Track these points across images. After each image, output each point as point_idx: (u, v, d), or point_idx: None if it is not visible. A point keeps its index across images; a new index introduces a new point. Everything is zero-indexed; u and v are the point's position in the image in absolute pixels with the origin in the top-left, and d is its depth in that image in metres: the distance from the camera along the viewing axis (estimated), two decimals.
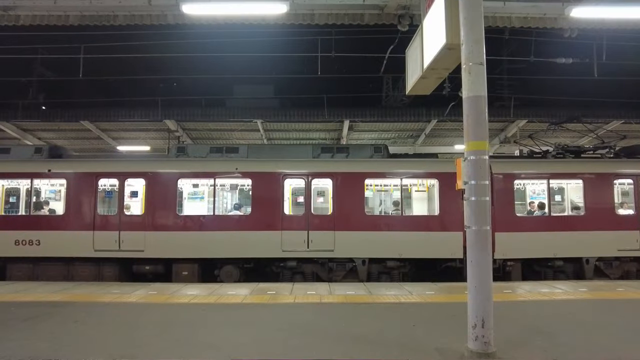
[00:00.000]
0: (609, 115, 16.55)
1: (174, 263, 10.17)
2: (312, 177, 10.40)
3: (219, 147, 11.54)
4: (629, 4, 8.06)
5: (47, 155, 11.19)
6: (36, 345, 4.98)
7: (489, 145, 4.60)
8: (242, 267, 10.27)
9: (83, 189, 10.39)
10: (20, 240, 10.16)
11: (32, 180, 10.65)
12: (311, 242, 10.01)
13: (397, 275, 10.17)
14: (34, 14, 8.60)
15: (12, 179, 10.84)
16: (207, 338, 5.29)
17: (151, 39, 15.10)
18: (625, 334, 5.46)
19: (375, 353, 4.75)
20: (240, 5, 8.12)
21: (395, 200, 10.75)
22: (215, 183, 10.46)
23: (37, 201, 11.03)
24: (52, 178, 10.81)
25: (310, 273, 10.27)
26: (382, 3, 8.19)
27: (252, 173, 10.39)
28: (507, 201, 10.31)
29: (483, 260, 4.44)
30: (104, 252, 10.12)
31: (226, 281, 10.01)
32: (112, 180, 10.59)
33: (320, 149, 11.32)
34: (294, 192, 11.14)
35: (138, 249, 10.07)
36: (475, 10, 4.58)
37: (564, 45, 13.20)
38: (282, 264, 10.17)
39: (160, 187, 10.33)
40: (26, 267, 10.27)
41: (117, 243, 10.11)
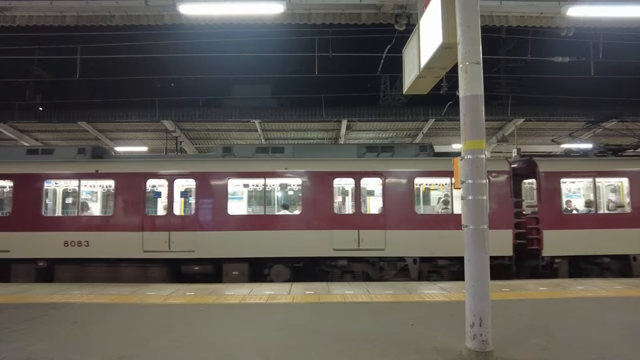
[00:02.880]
0: (606, 113, 16.57)
1: (224, 263, 10.15)
2: (361, 176, 10.43)
3: (265, 147, 11.63)
4: (624, 3, 8.08)
5: (90, 156, 11.13)
6: (34, 347, 4.97)
7: (485, 144, 4.60)
8: (292, 266, 10.27)
9: (132, 189, 10.35)
10: (70, 241, 10.09)
11: (80, 181, 10.61)
12: (362, 241, 10.03)
13: (446, 274, 10.20)
14: (30, 14, 8.59)
15: (60, 179, 10.76)
16: (206, 338, 5.29)
17: (148, 40, 15.09)
18: None
19: (373, 352, 4.76)
20: (236, 5, 8.12)
21: (444, 199, 10.81)
22: (266, 183, 10.53)
23: (84, 202, 10.97)
24: (100, 179, 10.72)
25: (360, 272, 10.28)
26: (379, 3, 8.21)
27: (302, 172, 10.41)
28: (553, 199, 10.39)
29: (481, 259, 4.45)
30: (154, 253, 10.06)
31: (276, 280, 10.05)
32: (161, 181, 10.57)
33: (365, 148, 11.31)
34: (344, 191, 11.19)
35: (189, 249, 10.05)
36: (472, 10, 4.59)
37: (560, 44, 13.23)
38: (333, 263, 10.18)
39: (211, 187, 10.34)
40: (73, 269, 10.15)
41: (167, 243, 10.08)
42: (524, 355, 4.62)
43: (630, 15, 8.48)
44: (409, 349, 4.87)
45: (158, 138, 18.43)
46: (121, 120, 16.73)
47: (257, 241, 10.04)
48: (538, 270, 10.17)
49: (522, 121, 16.81)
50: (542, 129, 17.47)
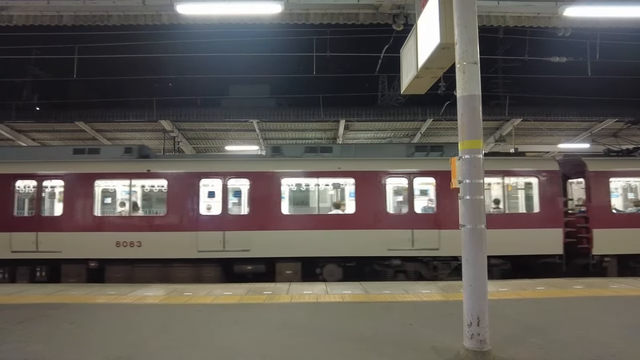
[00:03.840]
0: (603, 113, 16.66)
1: (277, 262, 10.16)
2: (414, 176, 10.49)
3: (313, 146, 11.66)
4: (621, 4, 8.11)
5: (137, 155, 11.09)
6: (32, 347, 4.96)
7: (483, 143, 4.61)
8: (344, 265, 10.29)
9: (185, 189, 10.31)
10: (122, 241, 10.05)
11: (131, 180, 10.59)
12: (416, 241, 10.06)
13: (497, 272, 10.26)
14: (27, 14, 8.55)
15: (112, 179, 10.74)
16: (205, 338, 5.29)
17: (146, 39, 15.06)
18: None
19: (372, 352, 4.77)
20: (234, 5, 8.10)
21: (496, 198, 10.87)
22: (319, 182, 10.58)
23: (135, 202, 10.96)
24: (152, 178, 10.69)
25: (413, 272, 10.32)
26: (376, 2, 8.20)
27: (356, 172, 10.44)
28: (603, 198, 10.49)
29: (478, 258, 4.46)
30: (208, 253, 10.03)
31: (329, 280, 10.08)
32: (215, 181, 10.54)
33: (414, 148, 11.36)
34: (396, 191, 11.21)
35: (244, 248, 10.04)
36: (469, 10, 4.60)
37: (558, 44, 13.27)
38: (387, 262, 10.21)
39: (265, 186, 10.34)
40: (124, 269, 10.11)
41: (221, 243, 10.05)
42: (522, 354, 4.63)
43: (627, 15, 8.50)
44: (407, 348, 4.88)
45: (156, 138, 18.38)
46: (119, 120, 16.67)
47: (310, 241, 10.09)
48: (588, 269, 10.31)
49: (520, 121, 16.85)
50: (539, 129, 17.50)
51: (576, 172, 10.92)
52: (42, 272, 10.15)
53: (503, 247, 9.96)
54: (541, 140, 18.60)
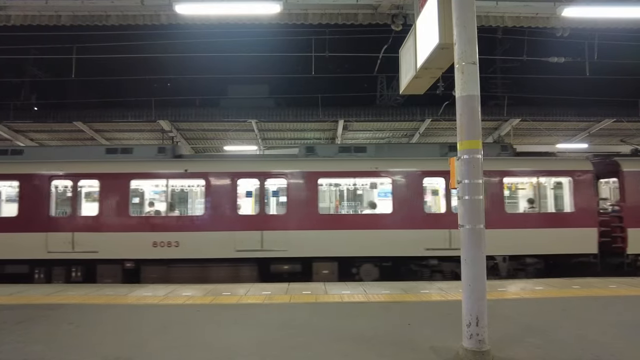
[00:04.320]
0: (601, 113, 16.70)
1: (314, 262, 10.19)
2: (447, 176, 10.44)
3: (347, 146, 11.73)
4: (619, 4, 8.13)
5: (171, 155, 11.08)
6: (30, 348, 4.95)
7: (482, 144, 4.62)
8: (380, 265, 10.32)
9: (223, 189, 10.33)
10: (159, 241, 10.05)
11: (168, 180, 10.60)
12: (453, 241, 10.09)
13: (532, 271, 10.38)
14: (25, 14, 8.53)
15: (149, 178, 10.74)
16: (204, 338, 5.28)
17: (144, 39, 15.04)
18: None
19: (371, 352, 4.77)
20: (233, 5, 8.09)
21: (530, 198, 10.94)
22: (356, 182, 10.64)
23: (172, 202, 10.95)
24: (190, 178, 10.68)
25: (450, 272, 10.35)
26: (375, 3, 8.21)
27: (393, 172, 10.50)
28: (637, 198, 10.60)
29: (478, 258, 4.47)
30: (246, 253, 10.05)
31: (365, 279, 10.12)
32: (253, 180, 10.56)
33: (447, 148, 11.37)
34: (433, 190, 11.24)
35: (282, 248, 10.06)
36: (468, 10, 4.60)
37: (556, 45, 13.31)
38: (424, 262, 10.26)
39: (302, 186, 10.38)
40: (160, 269, 10.10)
41: (259, 243, 10.06)
42: (520, 354, 4.64)
43: (624, 16, 8.52)
44: (406, 348, 4.88)
45: (154, 138, 18.36)
46: (117, 120, 16.65)
47: (347, 240, 10.12)
48: (623, 268, 10.40)
49: (518, 121, 16.88)
50: (538, 129, 17.53)
51: (608, 172, 11.07)
52: (78, 272, 10.13)
53: (538, 246, 10.16)
54: (539, 140, 18.64)
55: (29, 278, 10.05)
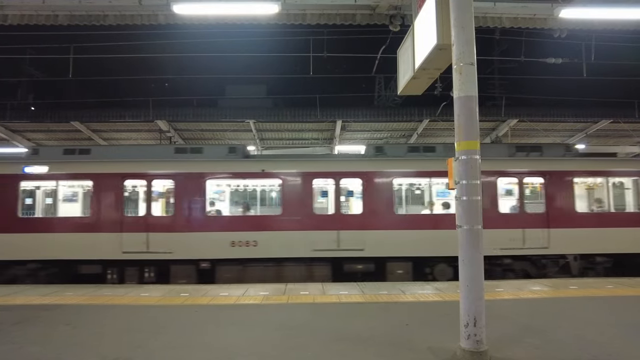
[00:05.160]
0: (598, 114, 16.75)
1: (388, 262, 10.21)
2: (524, 176, 10.68)
3: (416, 146, 11.78)
4: (616, 5, 8.17)
5: (241, 155, 11.08)
6: (28, 349, 4.93)
7: (480, 144, 4.63)
8: (454, 265, 10.27)
9: (300, 188, 10.37)
10: (237, 241, 10.02)
11: (245, 180, 10.68)
12: (526, 240, 10.22)
13: (601, 270, 10.49)
14: (22, 13, 8.51)
15: (224, 179, 10.73)
16: (202, 339, 5.27)
17: (142, 39, 15.01)
18: None
19: (368, 352, 4.77)
20: (231, 5, 8.10)
21: (598, 198, 11.06)
22: (431, 182, 10.72)
23: (246, 202, 10.98)
24: (266, 178, 10.65)
25: (521, 270, 10.44)
26: (373, 3, 8.22)
27: None
28: None
29: (475, 259, 4.49)
30: (322, 252, 10.04)
31: (439, 279, 10.17)
32: (327, 180, 10.62)
33: (514, 148, 11.45)
34: (507, 190, 11.29)
35: (358, 247, 10.07)
36: (466, 11, 4.61)
37: (553, 46, 13.33)
38: (498, 261, 10.32)
39: (377, 186, 10.42)
40: (235, 269, 10.08)
41: (335, 242, 10.07)
42: (518, 354, 4.65)
43: (621, 17, 8.57)
44: (404, 348, 4.88)
45: (152, 138, 18.32)
46: (115, 120, 16.59)
47: (421, 240, 10.17)
48: None
49: (516, 122, 16.90)
50: (535, 130, 17.57)
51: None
52: (151, 273, 10.10)
53: (607, 245, 10.31)
54: (537, 141, 18.68)
55: (102, 278, 10.00)
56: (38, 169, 10.41)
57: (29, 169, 10.41)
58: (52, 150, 12.14)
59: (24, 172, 10.38)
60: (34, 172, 10.40)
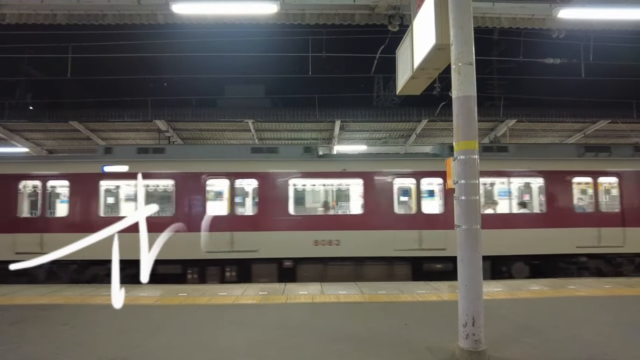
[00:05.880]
0: (596, 114, 16.77)
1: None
2: (599, 176, 10.80)
3: (489, 145, 11.84)
4: (614, 6, 8.19)
5: (316, 154, 11.11)
6: (25, 349, 4.92)
7: (478, 144, 4.63)
8: (530, 263, 10.48)
9: (381, 188, 10.43)
10: (320, 240, 10.05)
11: (327, 179, 10.71)
12: (602, 238, 10.33)
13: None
14: (20, 12, 8.48)
15: (306, 178, 10.74)
16: (200, 339, 5.27)
17: (141, 39, 14.99)
18: None
19: (367, 352, 4.77)
20: (230, 5, 8.10)
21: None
22: (510, 181, 10.85)
23: (327, 201, 11.04)
24: (347, 177, 10.67)
25: (595, 268, 10.51)
26: (372, 3, 8.22)
27: (545, 172, 10.69)
28: None
29: (473, 258, 4.49)
30: (404, 252, 10.14)
31: (516, 277, 10.25)
32: (409, 179, 10.74)
33: (583, 149, 11.48)
34: (582, 190, 11.36)
35: (440, 247, 10.10)
36: (465, 11, 4.62)
37: (552, 46, 13.35)
38: (574, 260, 10.40)
39: None
40: (316, 268, 10.10)
41: (417, 242, 10.19)
42: (516, 354, 4.66)
43: (620, 17, 8.59)
44: (403, 348, 4.89)
45: (151, 138, 18.29)
46: (113, 120, 16.56)
47: (500, 239, 10.20)
48: None
49: (514, 122, 16.91)
50: (533, 130, 17.58)
51: None
52: (232, 272, 10.12)
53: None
54: (535, 141, 18.70)
55: (182, 278, 9.99)
56: (118, 168, 10.42)
57: (108, 168, 10.42)
58: (126, 149, 12.23)
59: (104, 171, 10.41)
60: (114, 171, 10.43)
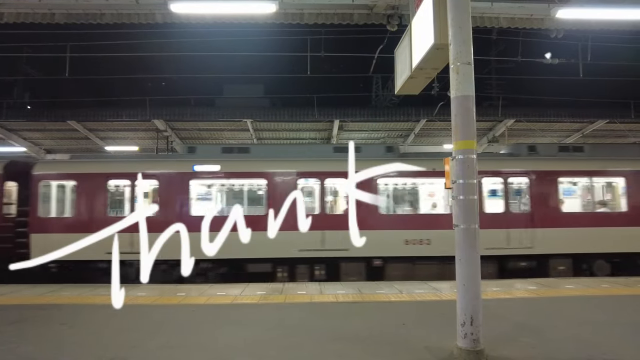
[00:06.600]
0: (594, 114, 16.82)
1: (551, 259, 10.48)
2: None
3: (565, 145, 12.18)
4: (612, 6, 8.21)
5: (397, 154, 11.26)
6: (24, 349, 4.91)
7: (477, 144, 4.64)
8: (612, 261, 10.61)
9: None
10: (411, 239, 10.13)
11: (415, 179, 10.82)
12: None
13: None
14: (19, 11, 8.47)
15: (397, 177, 10.79)
16: (199, 339, 5.26)
17: (139, 38, 14.96)
18: None
19: (366, 352, 4.77)
20: (229, 5, 8.10)
21: None
22: (592, 181, 11.04)
23: (416, 200, 11.12)
24: (436, 177, 10.59)
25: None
26: (371, 3, 8.23)
27: (624, 172, 10.90)
28: None
29: (472, 258, 4.49)
30: (492, 250, 10.12)
31: (598, 274, 10.40)
32: (498, 179, 10.83)
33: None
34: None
35: (527, 246, 10.38)
36: (463, 11, 4.62)
37: (550, 46, 13.40)
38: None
39: (545, 185, 10.71)
40: (406, 267, 10.19)
41: (506, 241, 10.34)
42: (515, 353, 4.66)
43: (618, 17, 8.61)
44: (401, 348, 4.89)
45: (149, 137, 18.28)
46: (112, 119, 16.54)
47: (583, 237, 10.41)
48: None
49: (513, 122, 16.96)
50: (532, 130, 17.64)
51: None
52: (322, 270, 10.27)
53: None
54: (534, 141, 18.73)
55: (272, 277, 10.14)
56: (209, 168, 10.55)
57: (198, 167, 10.52)
58: (209, 148, 12.55)
59: (194, 170, 10.47)
60: (205, 171, 10.55)
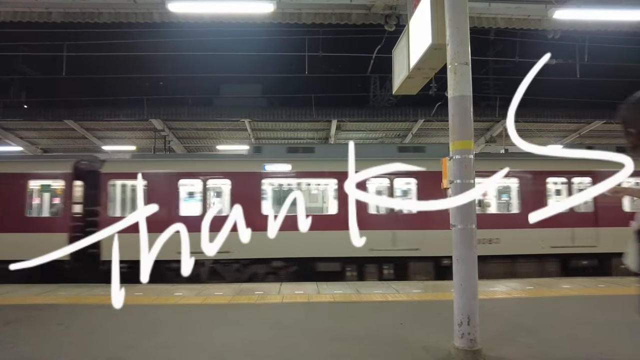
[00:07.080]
0: (592, 115, 16.88)
1: (613, 257, 10.34)
2: None
3: (623, 146, 11.79)
4: (609, 7, 8.24)
5: None
6: (20, 349, 4.88)
7: (474, 144, 4.65)
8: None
9: (533, 187, 10.84)
10: (480, 238, 10.15)
11: (479, 179, 10.72)
12: None
13: None
14: (15, 10, 8.43)
15: None
16: (196, 339, 5.25)
17: (137, 37, 14.93)
18: None
19: (363, 352, 4.77)
20: (226, 4, 8.08)
21: None
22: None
23: (480, 199, 11.15)
24: (506, 177, 10.70)
25: None
26: (369, 3, 8.23)
27: None
28: None
29: (469, 258, 4.49)
30: (557, 249, 10.47)
31: None
32: (560, 179, 11.09)
33: None
34: None
35: (590, 244, 10.59)
36: (461, 11, 4.63)
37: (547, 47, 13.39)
38: None
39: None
40: None
41: (570, 239, 10.52)
42: (512, 353, 4.67)
43: (615, 18, 8.65)
44: (399, 347, 4.89)
45: (146, 137, 18.24)
46: (109, 119, 16.51)
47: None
48: None
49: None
50: (529, 130, 17.68)
51: None
52: (390, 270, 10.45)
53: None
54: (530, 141, 18.69)
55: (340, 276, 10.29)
56: (280, 167, 10.73)
57: (269, 167, 10.73)
58: (274, 148, 12.91)
59: (265, 170, 10.67)
60: (276, 170, 10.75)
